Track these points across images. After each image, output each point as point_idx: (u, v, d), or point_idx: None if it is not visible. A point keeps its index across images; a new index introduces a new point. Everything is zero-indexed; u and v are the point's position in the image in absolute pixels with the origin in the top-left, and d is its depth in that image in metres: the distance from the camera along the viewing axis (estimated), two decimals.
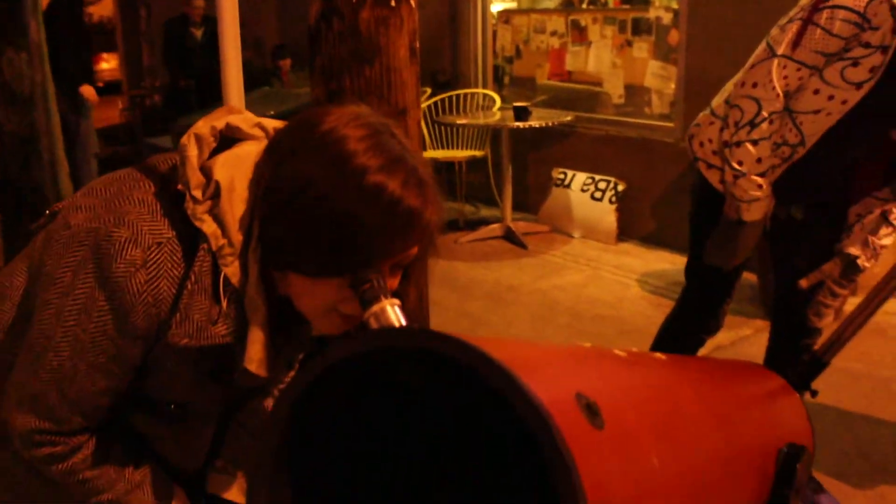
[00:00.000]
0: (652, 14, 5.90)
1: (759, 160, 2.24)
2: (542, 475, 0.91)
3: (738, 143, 2.24)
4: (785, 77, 2.18)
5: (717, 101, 2.45)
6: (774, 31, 2.24)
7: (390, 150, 1.10)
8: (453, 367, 0.89)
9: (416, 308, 1.22)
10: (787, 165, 2.33)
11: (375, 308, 1.05)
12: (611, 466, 0.80)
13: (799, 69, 2.17)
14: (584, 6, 6.45)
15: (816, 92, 2.20)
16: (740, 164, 2.25)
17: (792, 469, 1.43)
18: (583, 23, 6.39)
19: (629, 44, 6.09)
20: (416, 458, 1.11)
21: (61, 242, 1.18)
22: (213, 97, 6.77)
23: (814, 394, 2.12)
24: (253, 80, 7.16)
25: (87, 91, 6.36)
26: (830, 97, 2.19)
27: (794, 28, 2.15)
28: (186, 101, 7.63)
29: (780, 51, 2.17)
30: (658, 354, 1.36)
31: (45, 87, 4.03)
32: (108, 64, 14.59)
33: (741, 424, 1.37)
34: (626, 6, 6.15)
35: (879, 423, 3.28)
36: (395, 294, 1.10)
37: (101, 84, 6.81)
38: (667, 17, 5.77)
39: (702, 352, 2.91)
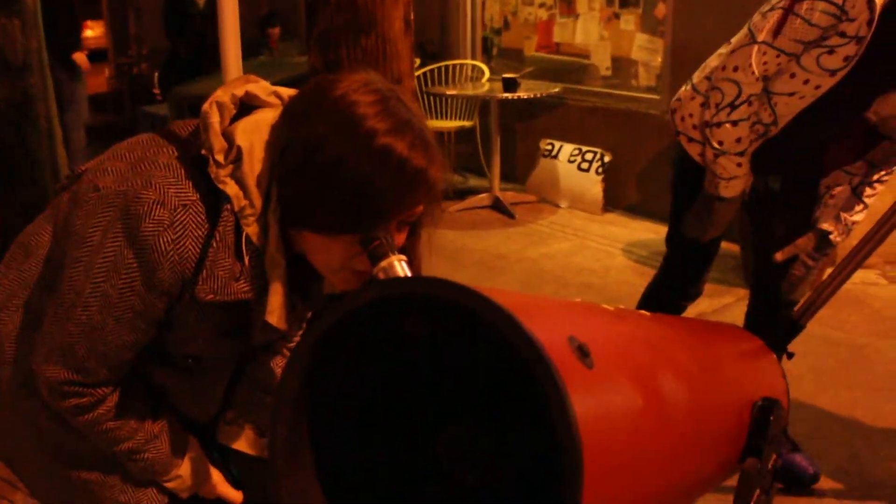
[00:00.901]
0: None
1: (738, 140, 2.33)
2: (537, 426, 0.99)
3: (719, 124, 2.33)
4: (764, 63, 2.27)
5: (698, 76, 2.53)
6: (756, 17, 2.32)
7: (398, 114, 1.18)
8: (456, 323, 0.97)
9: (421, 264, 1.30)
10: (760, 142, 2.42)
11: (384, 263, 1.13)
12: (600, 402, 0.89)
13: (778, 56, 2.26)
14: None
15: (793, 76, 2.29)
16: (721, 143, 2.35)
17: (766, 420, 1.51)
18: None
19: (616, 16, 6.13)
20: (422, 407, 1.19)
21: (91, 203, 1.25)
22: (212, 65, 6.76)
23: (790, 355, 2.22)
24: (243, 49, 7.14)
25: (80, 58, 6.36)
26: (805, 81, 2.28)
27: (775, 16, 2.23)
28: (181, 69, 7.59)
29: (760, 38, 2.26)
30: (644, 312, 1.45)
31: (40, 55, 4.03)
32: (93, 32, 14.47)
33: (721, 376, 1.46)
34: None
35: (854, 387, 3.41)
36: (401, 250, 1.19)
37: (86, 52, 6.77)
38: None
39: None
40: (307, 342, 0.95)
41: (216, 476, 1.50)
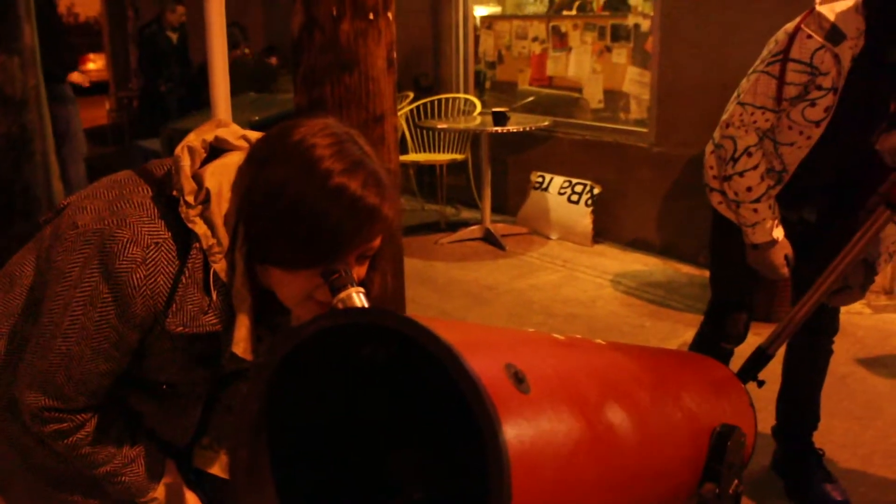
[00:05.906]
0: (631, 21, 6.06)
1: (749, 188, 2.50)
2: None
3: (729, 177, 2.53)
4: (754, 122, 2.47)
5: (716, 130, 2.69)
6: (743, 81, 2.54)
7: (352, 155, 1.27)
8: (410, 349, 1.03)
9: (381, 294, 1.38)
10: (780, 187, 2.58)
11: (342, 295, 1.21)
12: (534, 426, 0.95)
13: (763, 112, 2.46)
14: (566, 12, 6.61)
15: (790, 128, 2.48)
16: (736, 194, 2.53)
17: (723, 446, 1.56)
18: (563, 29, 6.55)
19: (608, 50, 6.24)
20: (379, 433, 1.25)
21: (70, 240, 1.33)
22: (194, 102, 6.89)
23: (760, 384, 2.28)
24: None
25: (76, 77, 6.43)
26: (800, 133, 2.48)
27: (753, 78, 2.46)
28: (163, 104, 7.77)
29: (742, 98, 2.48)
30: (599, 340, 1.51)
31: (38, 91, 4.12)
32: (94, 64, 14.66)
33: (677, 403, 1.51)
34: (606, 13, 6.32)
35: (833, 415, 3.45)
36: (361, 283, 1.26)
37: (87, 84, 6.90)
38: (645, 25, 5.92)
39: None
40: (266, 369, 1.02)
41: (191, 499, 1.56)
